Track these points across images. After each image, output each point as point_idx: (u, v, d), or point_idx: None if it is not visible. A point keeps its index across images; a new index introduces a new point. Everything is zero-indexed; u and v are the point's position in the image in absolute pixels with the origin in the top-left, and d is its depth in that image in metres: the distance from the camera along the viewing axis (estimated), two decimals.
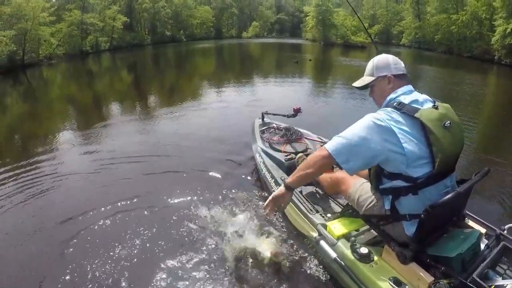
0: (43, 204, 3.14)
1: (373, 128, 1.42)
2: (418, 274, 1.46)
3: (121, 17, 26.97)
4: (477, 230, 1.64)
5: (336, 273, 1.85)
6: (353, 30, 32.94)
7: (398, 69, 1.59)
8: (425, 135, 1.38)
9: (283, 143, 3.17)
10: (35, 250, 2.46)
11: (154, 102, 8.42)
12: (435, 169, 1.40)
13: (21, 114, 7.77)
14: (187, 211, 2.88)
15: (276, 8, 58.56)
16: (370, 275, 1.58)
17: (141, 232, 2.60)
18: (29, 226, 2.77)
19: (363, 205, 1.75)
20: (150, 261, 2.29)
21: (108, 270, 2.20)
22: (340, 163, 1.46)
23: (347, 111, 6.79)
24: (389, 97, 1.56)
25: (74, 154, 4.56)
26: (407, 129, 1.39)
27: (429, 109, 1.42)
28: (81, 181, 3.61)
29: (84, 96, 9.63)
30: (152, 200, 3.07)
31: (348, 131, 1.48)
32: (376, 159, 1.45)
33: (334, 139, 1.50)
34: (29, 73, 14.91)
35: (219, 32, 46.01)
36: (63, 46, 20.38)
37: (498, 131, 5.80)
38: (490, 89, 11.34)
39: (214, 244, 2.45)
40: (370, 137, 1.41)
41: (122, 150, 4.48)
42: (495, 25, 19.12)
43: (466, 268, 1.45)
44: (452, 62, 19.75)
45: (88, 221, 2.77)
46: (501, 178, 3.52)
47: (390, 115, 1.43)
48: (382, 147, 1.40)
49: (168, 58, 22.12)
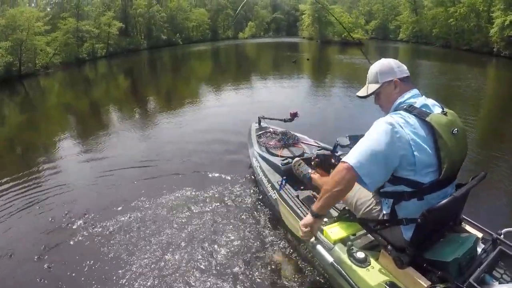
0: (43, 211, 3.20)
1: (389, 134, 1.34)
2: (415, 279, 1.45)
3: (116, 23, 27.00)
4: (474, 235, 1.63)
5: (333, 277, 1.84)
6: (349, 27, 32.82)
7: (403, 71, 1.55)
8: (434, 140, 1.35)
9: (279, 148, 3.16)
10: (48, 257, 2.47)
11: (151, 108, 8.43)
12: (441, 176, 1.37)
13: (20, 124, 7.81)
14: (184, 214, 2.90)
15: (271, 7, 58.62)
16: (366, 280, 1.57)
17: (141, 235, 2.66)
18: (34, 234, 2.80)
19: (360, 208, 1.73)
20: (150, 260, 2.34)
21: (109, 270, 2.27)
22: (362, 176, 1.33)
23: (345, 115, 6.72)
24: (397, 101, 1.51)
25: (74, 161, 4.59)
26: (418, 133, 1.35)
27: (438, 115, 1.39)
28: (82, 187, 3.65)
29: (82, 104, 9.66)
30: (148, 204, 3.13)
31: (365, 141, 1.38)
32: (393, 167, 1.38)
33: (352, 151, 1.38)
34: (26, 83, 14.99)
35: (215, 34, 46.07)
36: (59, 54, 20.44)
37: (497, 131, 5.69)
38: (491, 83, 11.25)
39: (213, 246, 2.46)
40: (387, 145, 1.33)
41: (121, 156, 4.54)
42: (493, 17, 19.03)
43: (463, 272, 1.43)
44: (450, 56, 19.70)
45: (89, 226, 2.81)
46: (498, 182, 3.50)
47: (405, 118, 1.38)
48: (397, 153, 1.34)
49: (164, 62, 22.23)
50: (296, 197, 2.33)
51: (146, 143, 5.23)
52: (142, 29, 34.34)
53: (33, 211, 3.23)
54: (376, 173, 1.34)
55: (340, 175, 1.37)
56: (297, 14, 48.42)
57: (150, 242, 2.58)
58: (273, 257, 2.21)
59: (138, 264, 2.34)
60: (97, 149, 5.07)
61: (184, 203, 3.12)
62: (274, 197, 2.52)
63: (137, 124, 6.44)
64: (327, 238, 1.87)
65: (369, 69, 1.64)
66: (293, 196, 2.33)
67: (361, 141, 1.40)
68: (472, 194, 1.54)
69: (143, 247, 2.52)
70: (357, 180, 1.35)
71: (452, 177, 1.46)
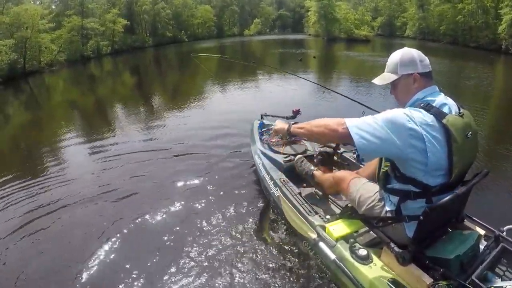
0: (51, 210, 3.20)
1: (404, 127, 1.29)
2: (417, 276, 1.44)
3: (121, 20, 27.14)
4: (476, 232, 1.62)
5: (335, 274, 1.84)
6: (356, 24, 32.54)
7: (425, 66, 1.46)
8: (448, 143, 1.30)
9: (282, 145, 3.16)
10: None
11: (157, 105, 8.45)
12: (451, 179, 1.35)
13: (25, 121, 7.87)
14: (186, 212, 2.92)
15: (277, 4, 58.37)
16: (369, 277, 1.57)
17: (145, 231, 2.70)
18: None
19: (363, 205, 1.72)
20: (150, 259, 2.35)
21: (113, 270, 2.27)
22: (353, 135, 1.31)
23: (348, 112, 6.57)
24: (415, 97, 1.45)
25: (80, 161, 4.61)
26: (435, 135, 1.30)
27: (455, 117, 1.34)
28: (88, 187, 3.65)
29: (86, 101, 9.72)
30: (151, 201, 3.15)
31: (376, 116, 1.34)
32: (393, 155, 1.36)
33: (358, 118, 1.37)
34: (31, 81, 15.09)
35: (220, 31, 46.06)
36: (64, 52, 20.56)
37: (501, 128, 5.63)
38: (499, 81, 11.04)
39: (214, 244, 2.47)
40: (396, 134, 1.29)
41: (126, 154, 4.54)
42: (501, 13, 18.78)
43: (465, 269, 1.43)
44: (458, 53, 19.41)
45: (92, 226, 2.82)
46: (500, 179, 3.47)
47: (424, 117, 1.31)
48: (405, 149, 1.30)
49: (169, 59, 22.24)
50: (298, 194, 2.33)
51: (151, 142, 5.22)
52: (147, 26, 34.47)
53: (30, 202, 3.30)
54: (369, 142, 1.30)
55: (329, 122, 1.43)
56: (302, 11, 48.17)
57: (148, 235, 2.63)
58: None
59: (143, 261, 2.35)
60: (100, 147, 5.09)
61: (183, 198, 3.15)
62: (276, 194, 2.52)
63: (141, 122, 6.45)
64: (330, 235, 1.87)
65: (389, 56, 1.55)
66: (295, 194, 2.33)
67: (371, 115, 1.37)
68: (475, 191, 1.53)
69: (144, 241, 2.56)
70: (346, 140, 1.36)
71: (460, 179, 1.43)
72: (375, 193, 1.69)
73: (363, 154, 1.39)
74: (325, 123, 1.42)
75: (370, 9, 38.89)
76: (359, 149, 1.33)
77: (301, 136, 1.63)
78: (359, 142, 1.31)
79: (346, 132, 1.33)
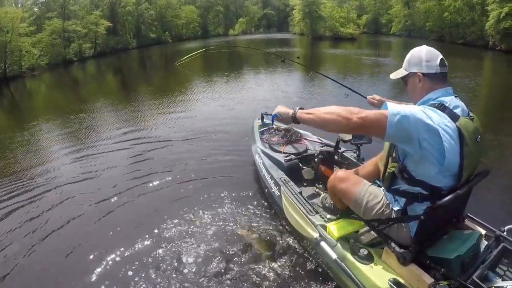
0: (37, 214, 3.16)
1: (422, 122, 1.25)
2: (418, 276, 1.45)
3: (104, 22, 26.51)
4: (477, 232, 1.63)
5: (336, 274, 1.85)
6: (341, 22, 32.73)
7: (430, 67, 1.42)
8: (460, 146, 1.29)
9: (282, 144, 3.16)
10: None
11: (142, 107, 8.24)
12: (460, 182, 1.35)
13: (5, 126, 7.61)
14: (185, 212, 2.90)
15: (262, 3, 58.31)
16: (370, 276, 1.58)
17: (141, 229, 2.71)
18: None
19: (371, 210, 1.67)
20: (149, 259, 2.36)
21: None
22: (391, 110, 1.24)
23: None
24: (427, 96, 1.43)
25: (65, 167, 4.42)
26: (452, 134, 1.28)
27: (467, 120, 1.34)
28: (74, 192, 3.57)
29: (68, 105, 9.37)
30: (150, 203, 3.17)
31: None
32: (414, 145, 1.28)
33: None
34: (12, 86, 14.65)
35: (205, 31, 45.69)
36: (45, 56, 19.96)
37: (497, 127, 5.54)
38: (487, 77, 11.20)
39: (214, 244, 2.46)
40: (415, 128, 1.25)
41: (114, 159, 4.46)
42: (488, 9, 18.76)
43: (466, 269, 1.44)
44: (445, 50, 19.40)
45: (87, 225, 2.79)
46: (501, 179, 3.49)
47: (440, 117, 1.29)
48: (422, 142, 1.26)
49: (153, 60, 21.91)
50: (299, 194, 2.32)
51: (139, 145, 5.12)
52: (131, 28, 33.82)
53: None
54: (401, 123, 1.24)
55: (347, 111, 1.32)
56: (287, 10, 48.27)
57: (148, 235, 2.62)
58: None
59: (144, 259, 2.36)
60: (86, 149, 4.99)
61: (184, 196, 3.16)
62: (277, 194, 2.51)
63: (129, 125, 6.31)
64: (331, 235, 1.87)
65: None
66: (296, 193, 2.32)
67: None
68: (475, 191, 1.54)
69: (144, 239, 2.58)
70: (359, 125, 1.28)
71: (466, 182, 1.43)
72: (382, 197, 1.66)
73: (393, 130, 1.26)
74: (338, 111, 1.34)
75: (355, 7, 39.08)
76: (389, 125, 1.25)
77: (307, 122, 1.46)
78: (392, 118, 1.24)
79: (359, 122, 1.29)
